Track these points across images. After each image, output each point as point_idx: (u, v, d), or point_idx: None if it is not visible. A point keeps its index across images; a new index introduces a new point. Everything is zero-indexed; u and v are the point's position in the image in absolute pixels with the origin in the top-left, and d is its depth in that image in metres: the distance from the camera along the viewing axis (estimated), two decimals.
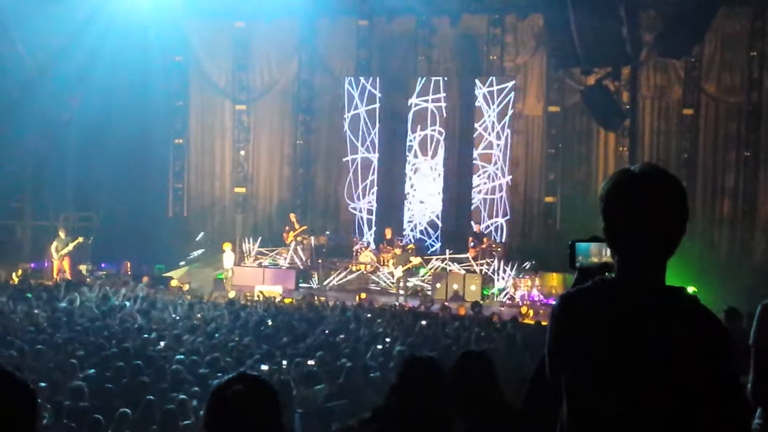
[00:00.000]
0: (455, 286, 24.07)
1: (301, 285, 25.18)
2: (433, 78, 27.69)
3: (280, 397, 3.29)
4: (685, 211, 2.98)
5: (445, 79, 27.66)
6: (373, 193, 27.96)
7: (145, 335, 14.88)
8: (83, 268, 25.93)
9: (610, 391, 2.92)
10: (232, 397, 3.08)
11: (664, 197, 2.95)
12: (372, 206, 27.93)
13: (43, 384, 10.38)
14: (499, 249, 25.03)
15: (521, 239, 27.36)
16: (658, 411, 2.86)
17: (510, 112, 26.74)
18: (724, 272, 23.33)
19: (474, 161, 27.09)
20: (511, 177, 26.93)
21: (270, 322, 17.06)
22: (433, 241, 27.20)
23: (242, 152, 30.25)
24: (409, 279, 24.76)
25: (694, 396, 2.85)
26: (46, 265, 26.03)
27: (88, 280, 24.15)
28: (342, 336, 15.75)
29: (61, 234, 25.31)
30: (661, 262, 2.99)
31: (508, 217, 26.77)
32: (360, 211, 28.00)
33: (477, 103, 26.98)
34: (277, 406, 3.16)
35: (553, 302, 3.24)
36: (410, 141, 27.52)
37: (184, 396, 10.06)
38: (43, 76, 26.13)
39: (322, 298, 22.44)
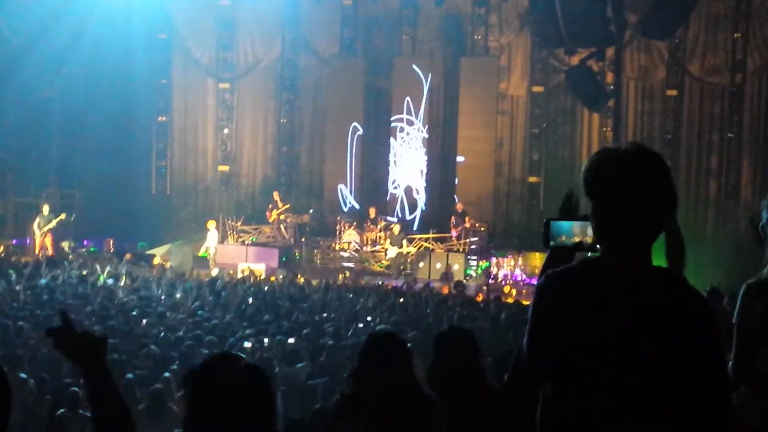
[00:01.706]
0: (438, 265, 24.05)
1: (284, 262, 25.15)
2: (417, 57, 27.63)
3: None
4: (670, 188, 2.92)
5: (429, 58, 27.60)
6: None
7: (128, 312, 14.83)
8: (65, 245, 25.81)
9: (594, 373, 2.88)
10: (216, 379, 2.98)
11: (648, 174, 2.89)
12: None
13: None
14: (482, 228, 24.99)
15: (504, 219, 27.37)
16: (642, 391, 2.84)
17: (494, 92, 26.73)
18: (707, 253, 23.40)
19: (457, 140, 27.02)
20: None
21: (251, 300, 17.02)
22: (416, 217, 27.07)
23: (226, 130, 30.11)
24: (395, 258, 24.75)
25: (681, 376, 2.82)
26: (28, 241, 25.89)
27: (70, 257, 24.02)
28: (325, 315, 15.76)
29: (44, 210, 25.16)
30: (647, 242, 2.93)
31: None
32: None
33: (461, 82, 26.89)
34: (268, 387, 3.04)
35: (537, 281, 3.20)
36: (393, 120, 27.42)
37: (167, 374, 10.03)
38: (27, 53, 25.92)
39: (306, 277, 22.43)
